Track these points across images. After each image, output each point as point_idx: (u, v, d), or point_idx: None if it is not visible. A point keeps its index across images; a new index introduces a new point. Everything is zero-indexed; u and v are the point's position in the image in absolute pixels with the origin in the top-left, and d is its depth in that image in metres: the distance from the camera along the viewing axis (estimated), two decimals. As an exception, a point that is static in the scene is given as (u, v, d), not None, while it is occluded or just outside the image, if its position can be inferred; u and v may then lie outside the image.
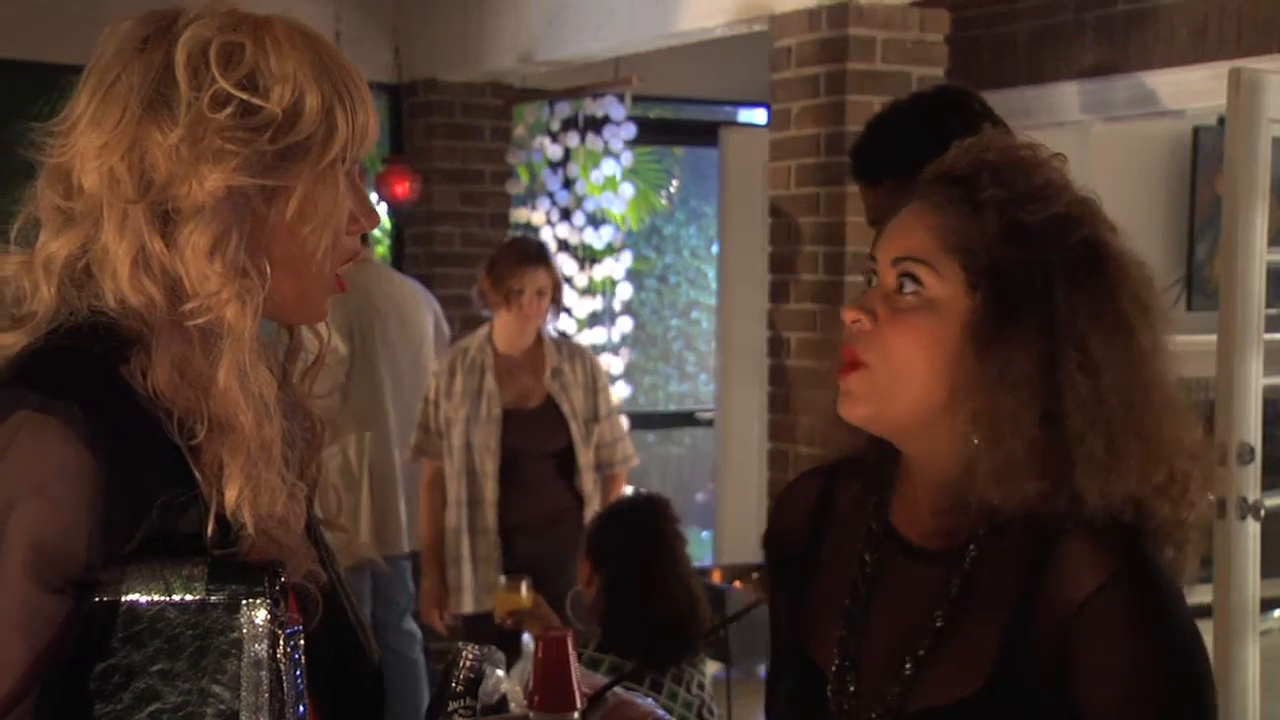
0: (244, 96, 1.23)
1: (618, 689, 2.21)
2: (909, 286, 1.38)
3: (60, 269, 1.25)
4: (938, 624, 1.38)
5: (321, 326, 1.39)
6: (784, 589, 1.56)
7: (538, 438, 4.35)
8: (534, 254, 4.39)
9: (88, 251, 1.25)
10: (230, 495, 1.21)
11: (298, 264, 1.28)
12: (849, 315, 1.40)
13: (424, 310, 4.89)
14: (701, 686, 3.23)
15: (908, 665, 1.38)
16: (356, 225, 1.32)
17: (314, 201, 1.26)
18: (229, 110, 1.22)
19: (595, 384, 4.42)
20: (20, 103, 1.32)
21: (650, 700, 2.45)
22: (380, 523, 4.82)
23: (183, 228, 1.23)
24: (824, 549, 1.52)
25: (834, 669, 1.43)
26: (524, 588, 3.65)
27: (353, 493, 4.72)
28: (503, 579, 3.83)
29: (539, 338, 4.41)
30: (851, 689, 1.41)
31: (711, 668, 3.56)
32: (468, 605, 4.33)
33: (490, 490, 4.30)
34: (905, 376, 1.37)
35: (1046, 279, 1.35)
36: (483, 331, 4.46)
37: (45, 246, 1.26)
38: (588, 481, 4.34)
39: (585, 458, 4.36)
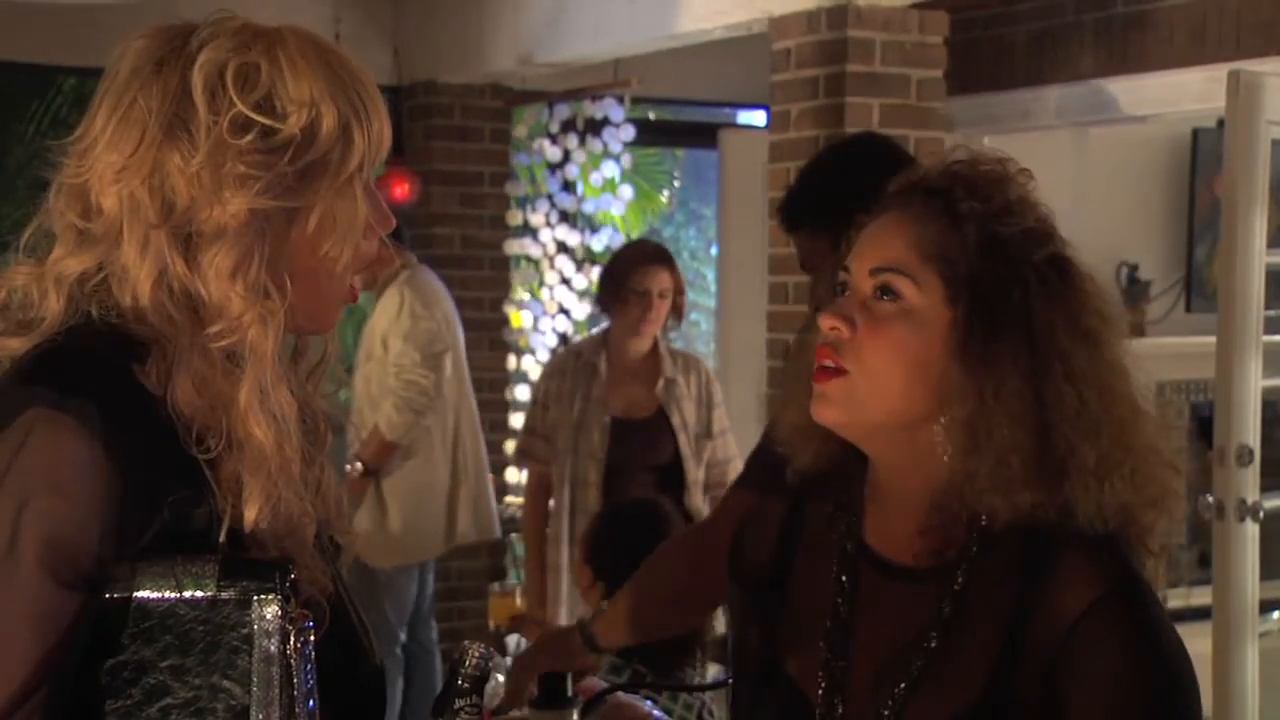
0: (263, 120, 1.24)
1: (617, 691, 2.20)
2: (887, 296, 1.39)
3: (72, 284, 1.26)
4: (931, 644, 1.37)
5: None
6: (754, 613, 1.54)
7: (644, 449, 4.20)
8: (656, 254, 4.27)
9: (104, 269, 1.26)
10: (250, 514, 1.23)
11: (318, 277, 1.30)
12: (826, 323, 1.40)
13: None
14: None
15: (901, 685, 1.37)
16: (372, 231, 1.33)
17: (333, 216, 1.28)
18: (250, 136, 1.24)
19: (710, 399, 4.27)
20: (16, 103, 1.32)
21: (649, 703, 2.44)
22: (477, 510, 4.90)
23: (205, 251, 1.24)
24: (795, 569, 1.51)
25: (821, 691, 1.42)
26: (518, 594, 3.65)
27: (441, 486, 4.83)
28: (496, 585, 3.83)
29: (654, 346, 4.25)
30: (839, 710, 1.41)
31: (712, 670, 3.55)
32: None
33: (593, 499, 4.14)
34: (882, 384, 1.38)
35: (1025, 293, 1.36)
36: (597, 336, 4.34)
37: (59, 262, 1.27)
38: (697, 498, 4.16)
39: (695, 474, 4.19)
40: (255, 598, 1.17)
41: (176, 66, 1.25)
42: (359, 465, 4.76)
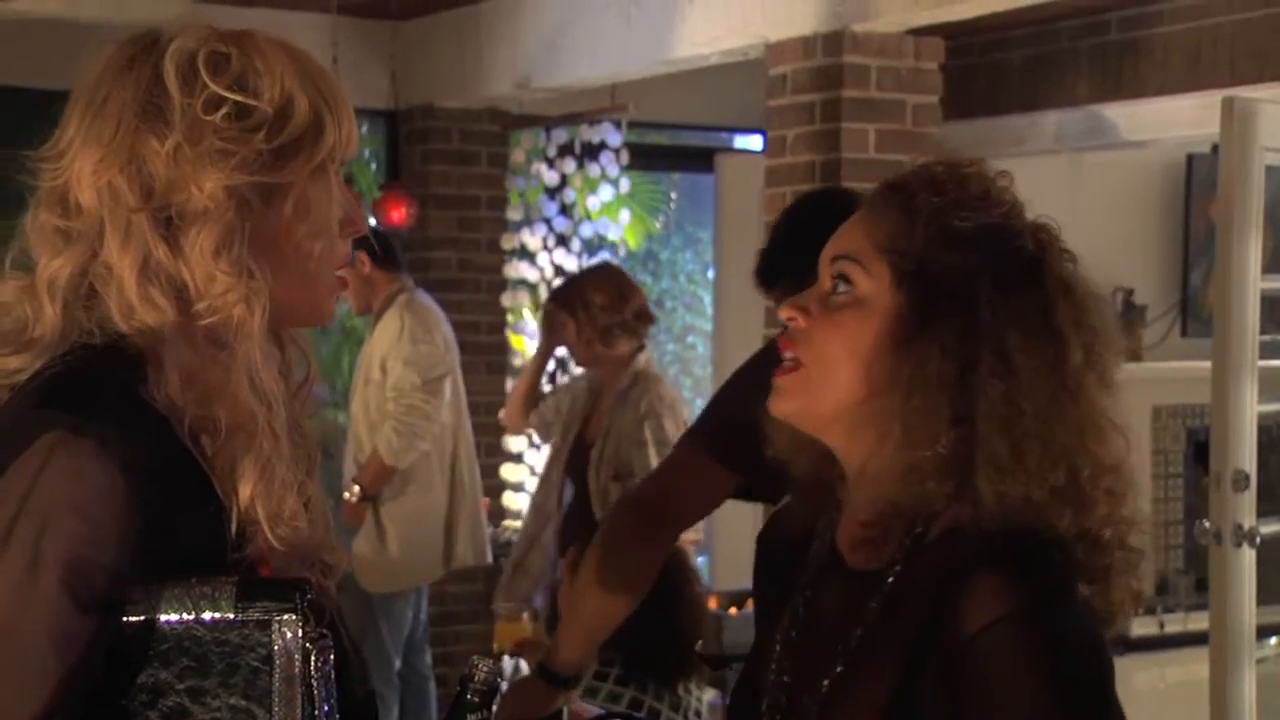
0: (237, 98, 1.26)
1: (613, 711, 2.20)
2: (842, 286, 1.41)
3: (64, 289, 1.27)
4: (854, 645, 1.38)
5: (309, 349, 1.41)
6: (760, 603, 1.59)
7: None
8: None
9: (89, 275, 1.26)
10: (244, 492, 1.24)
11: (295, 265, 1.31)
12: (784, 312, 1.42)
13: None
14: (699, 715, 3.22)
15: (824, 684, 1.38)
16: (347, 229, 1.36)
17: (308, 200, 1.30)
18: (223, 111, 1.25)
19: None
20: (10, 129, 1.33)
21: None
22: (474, 535, 4.92)
23: (187, 232, 1.25)
24: (802, 563, 1.53)
25: (770, 683, 1.45)
26: (525, 618, 3.63)
27: (439, 511, 4.86)
28: (503, 609, 3.81)
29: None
30: (783, 700, 1.43)
31: (709, 694, 3.55)
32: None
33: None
34: (831, 373, 1.39)
35: (972, 284, 1.36)
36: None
37: (47, 268, 1.27)
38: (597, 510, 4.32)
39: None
40: (276, 618, 1.18)
41: (148, 61, 1.27)
42: (357, 490, 4.75)
